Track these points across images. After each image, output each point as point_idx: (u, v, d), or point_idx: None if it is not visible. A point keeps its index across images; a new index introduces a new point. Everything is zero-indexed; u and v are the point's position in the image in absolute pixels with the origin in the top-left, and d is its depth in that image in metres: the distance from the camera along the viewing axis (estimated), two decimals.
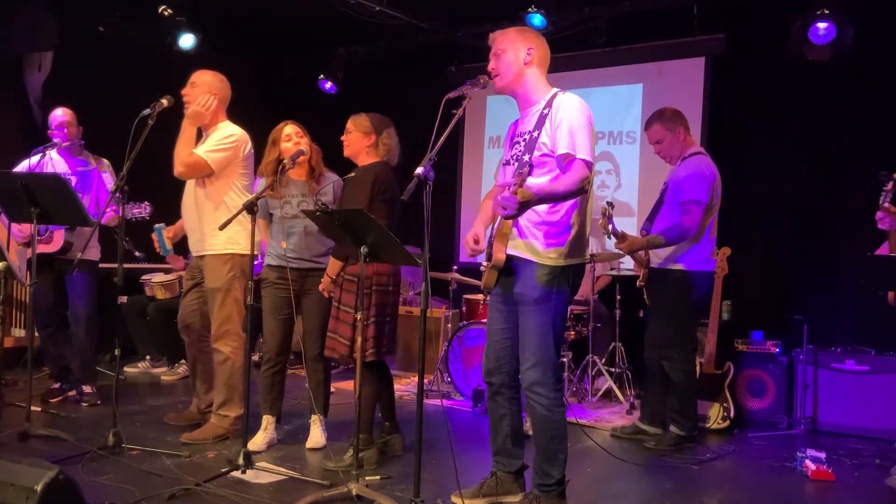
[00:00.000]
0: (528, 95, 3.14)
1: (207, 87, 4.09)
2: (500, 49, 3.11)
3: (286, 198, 3.98)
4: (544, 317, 3.01)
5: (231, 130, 4.11)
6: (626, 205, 6.36)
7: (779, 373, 5.00)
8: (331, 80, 7.40)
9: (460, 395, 5.39)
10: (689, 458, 4.16)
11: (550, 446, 3.10)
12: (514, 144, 3.16)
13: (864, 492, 3.72)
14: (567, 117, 2.96)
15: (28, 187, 3.81)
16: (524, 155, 3.03)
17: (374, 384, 3.78)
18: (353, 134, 3.85)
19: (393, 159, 3.89)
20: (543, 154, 3.00)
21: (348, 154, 3.90)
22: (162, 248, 4.31)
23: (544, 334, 3.01)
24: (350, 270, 3.71)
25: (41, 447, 3.80)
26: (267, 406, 4.04)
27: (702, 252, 4.33)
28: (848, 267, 5.24)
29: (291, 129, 3.99)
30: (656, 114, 4.50)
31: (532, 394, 3.06)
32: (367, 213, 3.19)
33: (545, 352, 3.01)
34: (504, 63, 3.09)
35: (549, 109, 3.03)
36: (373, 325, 3.68)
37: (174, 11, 6.19)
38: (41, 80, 6.13)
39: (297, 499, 3.16)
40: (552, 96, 3.08)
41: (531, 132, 3.05)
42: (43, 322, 4.82)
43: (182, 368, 5.89)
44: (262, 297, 4.04)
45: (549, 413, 3.06)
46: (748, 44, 5.89)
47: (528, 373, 3.04)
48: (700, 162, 4.35)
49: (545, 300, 3.01)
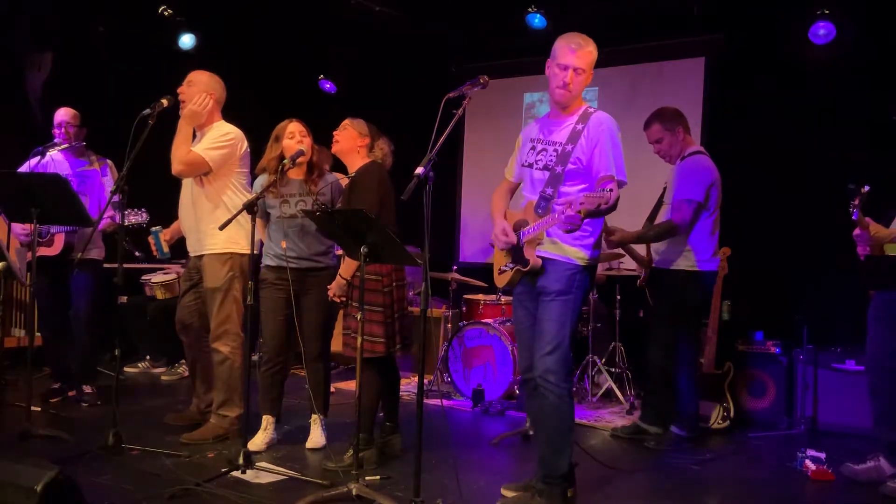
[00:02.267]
0: (566, 110, 3.23)
1: (204, 86, 4.09)
2: (580, 67, 3.14)
3: (285, 197, 3.96)
4: (564, 308, 3.11)
5: (227, 129, 4.11)
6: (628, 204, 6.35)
7: (779, 373, 5.00)
8: (331, 81, 7.41)
9: (460, 395, 5.40)
10: (689, 458, 4.16)
11: (557, 437, 3.15)
12: (541, 151, 3.22)
13: (864, 492, 3.72)
14: (606, 139, 3.09)
15: (28, 187, 3.81)
16: (556, 166, 3.13)
17: (377, 384, 3.79)
18: (348, 131, 3.86)
19: (382, 158, 3.92)
20: (577, 168, 3.12)
21: (337, 150, 3.90)
22: (159, 251, 4.31)
23: (563, 324, 3.10)
24: (369, 269, 3.68)
25: (41, 447, 3.80)
26: (267, 406, 4.03)
27: (703, 252, 4.33)
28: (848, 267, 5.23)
29: (295, 127, 3.98)
30: (655, 113, 4.51)
31: (544, 381, 3.11)
32: (367, 212, 3.19)
33: (561, 340, 3.10)
34: (579, 85, 3.16)
35: (582, 125, 3.14)
36: (397, 320, 3.74)
37: (174, 11, 6.20)
38: (41, 80, 6.13)
39: (297, 499, 3.16)
40: (584, 112, 3.19)
41: (563, 144, 3.15)
42: (44, 322, 4.82)
43: (182, 368, 5.89)
44: (260, 297, 4.01)
45: (559, 401, 3.11)
46: (748, 44, 5.89)
47: (544, 359, 3.10)
48: (698, 161, 4.36)
49: (567, 292, 3.12)
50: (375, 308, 3.69)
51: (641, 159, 4.68)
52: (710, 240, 4.36)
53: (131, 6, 6.22)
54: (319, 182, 4.00)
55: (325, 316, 3.97)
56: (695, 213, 4.26)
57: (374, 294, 3.69)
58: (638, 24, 6.21)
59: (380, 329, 3.69)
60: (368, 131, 3.89)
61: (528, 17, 5.81)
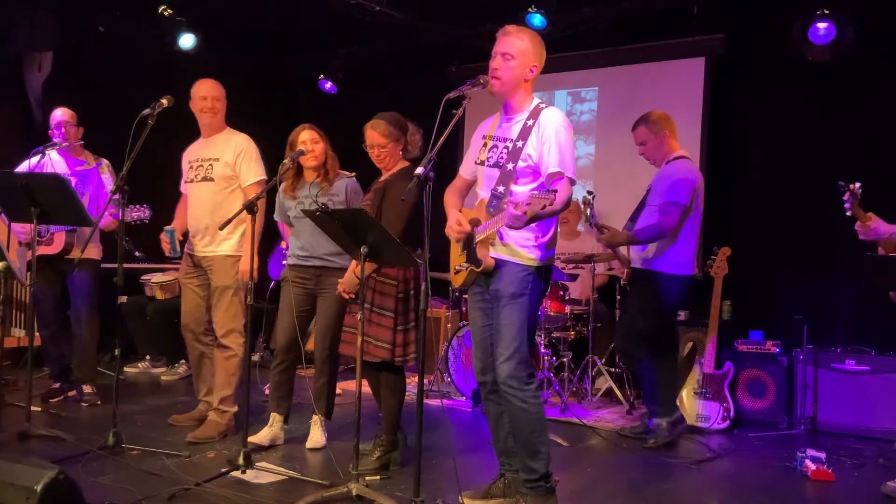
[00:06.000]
0: (515, 105, 3.15)
1: (224, 100, 4.26)
2: (509, 53, 3.07)
3: (300, 199, 4.03)
4: (520, 312, 3.06)
5: (243, 141, 4.25)
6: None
7: (779, 373, 5.00)
8: (331, 80, 7.41)
9: (460, 395, 5.40)
10: (689, 458, 4.16)
11: (530, 440, 3.10)
12: (492, 148, 3.17)
13: (864, 492, 3.72)
14: (556, 135, 3.00)
15: (28, 187, 3.81)
16: (508, 163, 3.07)
17: (401, 388, 3.81)
18: (389, 147, 3.77)
19: (416, 153, 3.87)
20: (528, 165, 3.05)
21: (384, 167, 3.83)
22: (173, 250, 4.30)
23: (519, 329, 3.05)
24: (387, 273, 3.68)
25: (41, 447, 3.80)
26: (274, 404, 4.06)
27: (679, 255, 4.36)
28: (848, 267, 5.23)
29: (307, 136, 3.99)
30: (643, 117, 4.56)
31: (507, 387, 3.07)
32: (367, 212, 3.18)
33: (518, 345, 3.05)
34: (508, 70, 3.07)
35: (533, 121, 3.06)
36: (412, 329, 3.69)
37: (174, 11, 6.19)
38: (41, 80, 6.13)
39: (297, 499, 3.16)
40: (535, 108, 3.11)
41: (514, 141, 3.08)
42: (43, 321, 4.82)
43: (182, 368, 5.89)
44: (280, 294, 4.09)
45: (524, 405, 3.06)
46: (748, 44, 5.88)
47: (502, 366, 3.06)
48: (682, 166, 4.42)
49: (520, 295, 3.06)
50: (386, 312, 3.67)
51: (641, 160, 4.69)
52: (687, 243, 4.39)
53: (131, 6, 6.22)
54: (334, 182, 4.01)
55: (336, 318, 3.97)
56: (682, 216, 4.30)
57: (387, 298, 3.68)
58: (638, 24, 6.21)
59: (387, 335, 3.66)
60: (399, 131, 3.78)
61: (528, 17, 5.80)
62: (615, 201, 5.83)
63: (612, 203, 5.83)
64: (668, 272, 4.36)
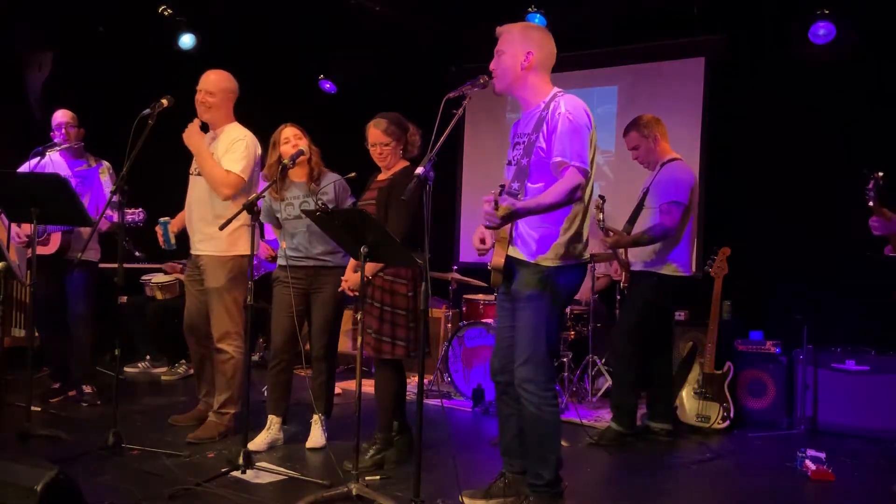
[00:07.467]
0: (528, 98, 3.09)
1: (224, 94, 4.14)
2: (500, 49, 3.07)
3: (288, 199, 4.01)
4: (536, 315, 3.00)
5: (238, 134, 4.14)
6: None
7: (779, 373, 5.00)
8: (331, 80, 7.40)
9: (460, 395, 5.39)
10: (689, 458, 4.16)
11: (541, 445, 3.06)
12: (515, 146, 3.13)
13: (864, 492, 3.72)
14: (562, 122, 2.91)
15: (28, 187, 3.81)
16: (523, 158, 3.00)
17: (396, 383, 3.81)
18: (391, 145, 3.78)
19: (416, 153, 3.88)
20: (541, 158, 2.97)
21: (385, 165, 3.83)
22: (167, 242, 4.30)
23: (536, 332, 2.99)
24: (396, 273, 3.67)
25: (41, 447, 3.80)
26: (271, 405, 4.06)
27: (677, 257, 4.38)
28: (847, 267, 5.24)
29: (290, 132, 4.00)
30: (634, 121, 4.57)
31: (522, 391, 3.03)
32: (367, 212, 3.18)
33: (535, 349, 2.99)
34: (502, 65, 3.05)
35: (547, 112, 2.99)
36: (416, 326, 3.70)
37: (174, 11, 6.19)
38: (41, 80, 6.12)
39: (297, 499, 3.16)
40: (552, 97, 3.03)
41: (530, 134, 3.01)
42: (43, 322, 4.82)
43: (182, 368, 5.89)
44: (273, 295, 4.08)
45: (538, 412, 3.01)
46: (748, 44, 5.88)
47: (519, 369, 3.03)
48: (678, 167, 4.44)
49: (537, 298, 3.00)
50: (399, 311, 3.69)
51: (636, 161, 4.70)
52: (687, 245, 4.40)
53: (131, 6, 6.22)
54: (322, 181, 4.01)
55: (332, 316, 3.98)
56: (683, 215, 4.31)
57: (400, 298, 3.69)
58: (638, 24, 6.21)
59: (403, 332, 3.68)
60: (400, 131, 3.79)
61: (528, 17, 5.81)
62: (614, 202, 5.83)
63: (610, 203, 5.82)
64: (668, 273, 4.37)
